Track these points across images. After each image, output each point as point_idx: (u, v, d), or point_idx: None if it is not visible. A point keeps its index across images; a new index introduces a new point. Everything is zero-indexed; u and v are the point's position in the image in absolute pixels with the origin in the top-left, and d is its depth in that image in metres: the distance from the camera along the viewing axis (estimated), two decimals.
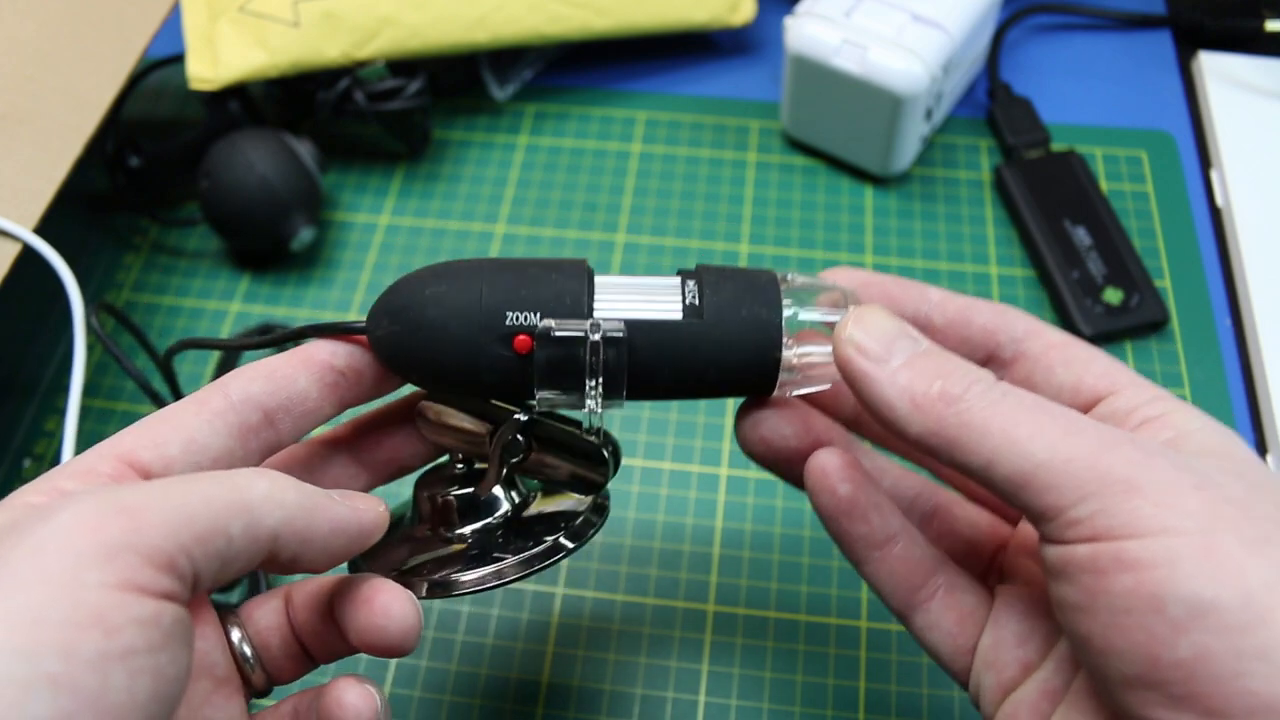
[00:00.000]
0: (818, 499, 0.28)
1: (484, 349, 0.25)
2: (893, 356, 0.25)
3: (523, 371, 0.26)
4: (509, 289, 0.26)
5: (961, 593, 0.28)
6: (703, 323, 0.26)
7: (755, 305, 0.26)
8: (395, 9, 0.49)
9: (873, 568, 0.28)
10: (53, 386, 0.47)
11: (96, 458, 0.23)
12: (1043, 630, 0.27)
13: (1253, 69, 0.55)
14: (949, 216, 0.51)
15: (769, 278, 0.27)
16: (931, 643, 0.28)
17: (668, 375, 0.26)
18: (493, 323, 0.25)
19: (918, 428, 0.24)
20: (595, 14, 0.52)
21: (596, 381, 0.26)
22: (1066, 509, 0.22)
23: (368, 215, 0.52)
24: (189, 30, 0.49)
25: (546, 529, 0.30)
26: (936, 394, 0.24)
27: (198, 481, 0.22)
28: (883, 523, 0.28)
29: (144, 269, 0.51)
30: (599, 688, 0.39)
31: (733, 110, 0.56)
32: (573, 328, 0.25)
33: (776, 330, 0.26)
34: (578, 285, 0.26)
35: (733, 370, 0.26)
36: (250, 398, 0.25)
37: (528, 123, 0.56)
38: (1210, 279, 0.48)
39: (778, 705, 0.38)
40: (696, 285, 0.26)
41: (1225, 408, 0.45)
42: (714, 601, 0.41)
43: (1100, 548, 0.22)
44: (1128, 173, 0.52)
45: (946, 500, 0.30)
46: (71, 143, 0.43)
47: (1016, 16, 0.57)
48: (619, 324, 0.25)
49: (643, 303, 0.26)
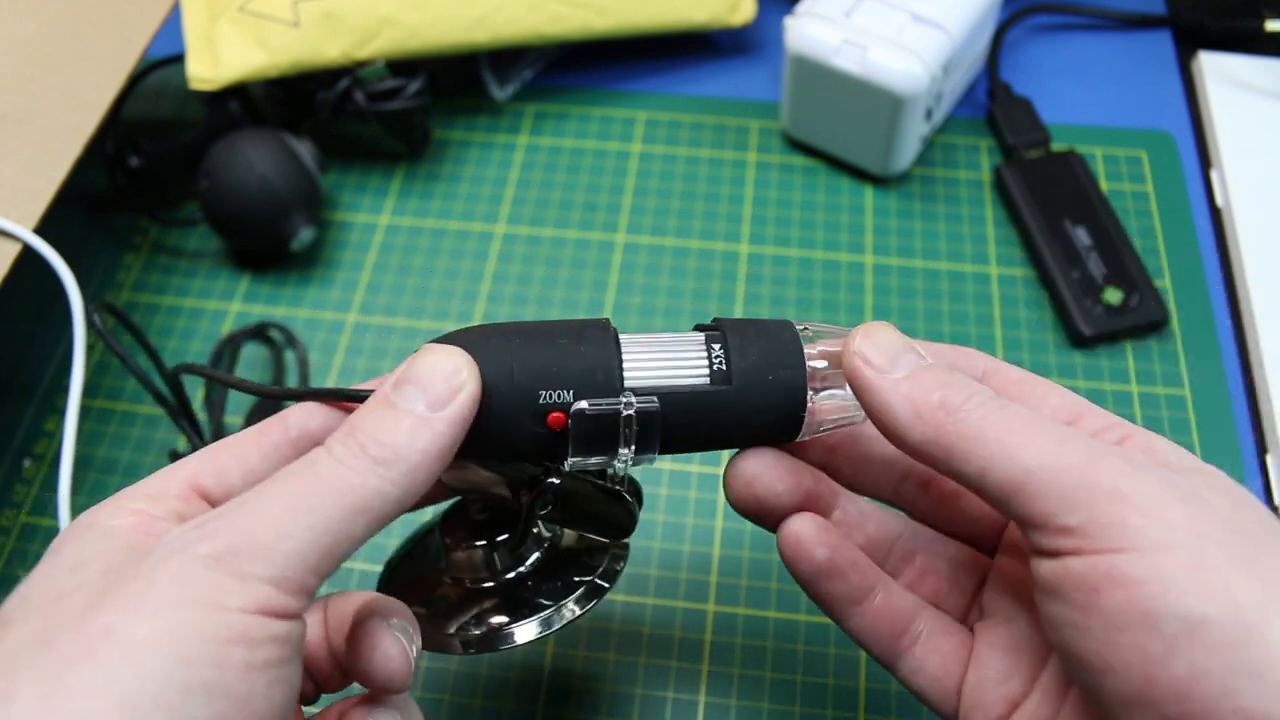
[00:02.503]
0: (795, 566, 0.28)
1: (518, 426, 0.26)
2: (897, 368, 0.25)
3: (556, 443, 0.26)
4: (540, 366, 0.26)
5: (942, 635, 0.28)
6: (731, 389, 0.26)
7: (780, 368, 0.27)
8: (395, 9, 0.49)
9: (854, 623, 0.28)
10: (53, 386, 0.47)
11: (165, 480, 0.25)
12: (1025, 665, 0.27)
13: (1253, 69, 0.55)
14: (949, 216, 0.51)
15: (790, 333, 0.27)
16: (919, 688, 0.28)
17: (695, 438, 0.27)
18: (526, 401, 0.26)
19: (918, 435, 0.25)
20: (595, 14, 0.52)
21: (629, 448, 0.26)
22: (1055, 516, 0.22)
23: (368, 215, 0.52)
24: (189, 30, 0.49)
25: (576, 570, 0.30)
26: (937, 403, 0.24)
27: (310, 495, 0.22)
28: (861, 579, 0.28)
29: (144, 269, 0.51)
30: (599, 688, 0.39)
31: (733, 110, 0.56)
32: (607, 406, 0.26)
33: (801, 392, 0.27)
34: (606, 356, 0.26)
35: (760, 430, 0.27)
36: (308, 432, 0.26)
37: (528, 123, 0.55)
38: (1210, 279, 0.48)
39: (778, 705, 0.38)
40: (721, 348, 0.27)
41: (1225, 408, 0.45)
42: (714, 601, 0.41)
43: (1092, 562, 0.22)
44: (1128, 173, 0.52)
45: (928, 540, 0.30)
46: (71, 143, 0.43)
47: (1016, 16, 0.57)
48: (652, 399, 0.26)
49: (670, 367, 0.27)
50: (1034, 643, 0.27)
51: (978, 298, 0.48)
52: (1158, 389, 0.45)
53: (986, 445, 0.23)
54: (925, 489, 0.30)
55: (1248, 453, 0.43)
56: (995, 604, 0.28)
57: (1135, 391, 0.45)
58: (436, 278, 0.50)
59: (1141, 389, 0.45)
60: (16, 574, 0.42)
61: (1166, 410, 0.45)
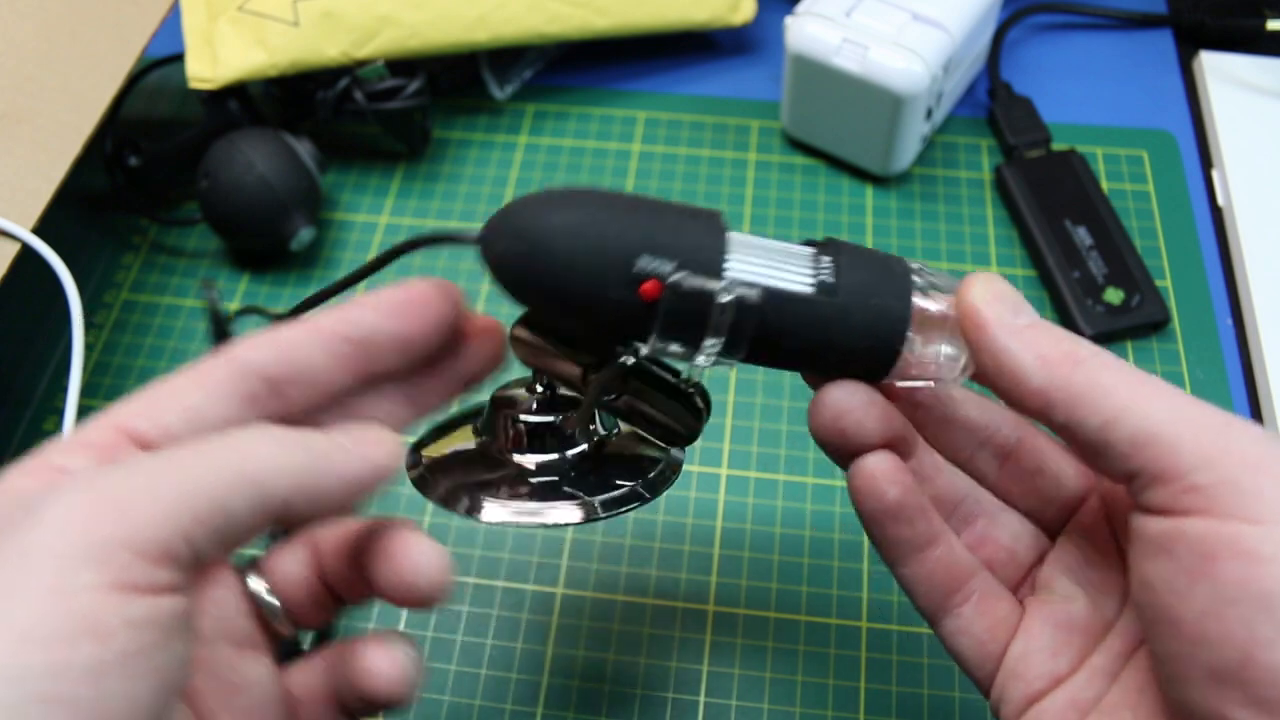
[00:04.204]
0: (864, 502, 0.27)
1: (609, 288, 0.24)
2: (1019, 317, 0.25)
3: (643, 317, 0.25)
4: (644, 230, 0.24)
5: (995, 600, 0.28)
6: (833, 302, 0.25)
7: (887, 295, 0.25)
8: (395, 8, 0.49)
9: (911, 570, 0.28)
10: (51, 387, 0.47)
11: (93, 429, 0.22)
12: (1077, 644, 0.27)
13: (1254, 68, 0.55)
14: (949, 216, 0.51)
15: (903, 268, 0.26)
16: (959, 647, 0.28)
17: (787, 347, 0.26)
18: (623, 264, 0.24)
19: (1040, 380, 0.24)
20: (595, 13, 0.52)
21: (717, 341, 0.25)
22: (1188, 473, 0.22)
23: (367, 215, 0.52)
24: (188, 29, 0.49)
25: (621, 474, 0.29)
26: (1063, 352, 0.24)
27: (196, 455, 0.21)
28: (927, 526, 0.27)
29: (143, 269, 0.51)
30: (599, 688, 0.39)
31: (733, 110, 0.56)
32: (705, 284, 0.24)
33: (904, 324, 0.26)
34: (713, 239, 0.25)
35: (852, 355, 0.26)
36: (254, 366, 0.24)
37: (528, 122, 0.55)
38: (1211, 279, 0.48)
39: (778, 706, 0.38)
40: (832, 262, 0.26)
41: (1226, 408, 0.44)
42: (714, 602, 0.41)
43: (1214, 527, 0.21)
44: (1129, 172, 0.52)
45: (993, 507, 0.30)
46: (70, 142, 0.43)
47: (1017, 16, 0.56)
48: (753, 289, 0.25)
49: (776, 270, 0.25)
50: (1090, 624, 0.27)
51: None
52: None
53: (1119, 396, 0.23)
54: (1003, 461, 0.29)
55: None
56: (1053, 582, 0.28)
57: None
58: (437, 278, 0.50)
59: None
60: None
61: None
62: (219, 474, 0.20)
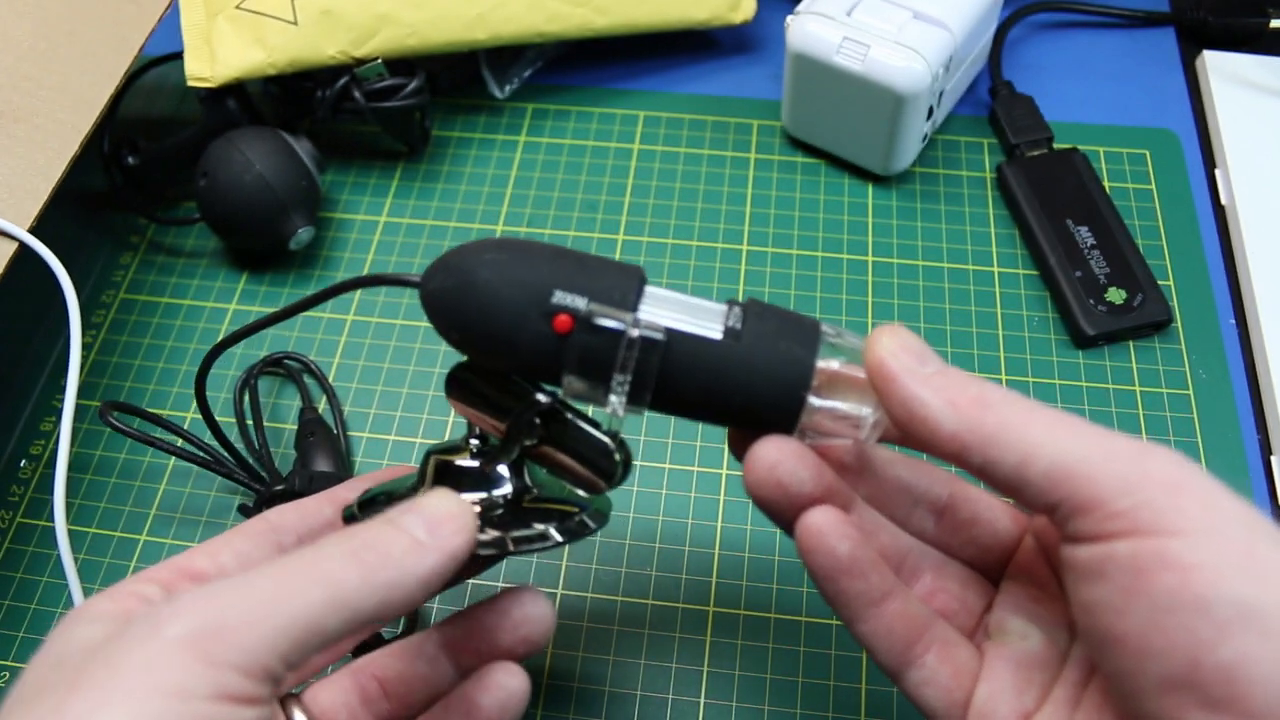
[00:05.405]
0: (814, 558, 0.27)
1: (526, 320, 0.26)
2: (926, 365, 0.25)
3: (557, 352, 0.26)
4: (563, 271, 0.26)
5: (955, 647, 0.28)
6: (738, 346, 0.26)
7: (792, 343, 0.26)
8: (394, 7, 0.49)
9: (869, 625, 0.28)
10: (49, 386, 0.47)
11: (161, 569, 0.27)
12: (1039, 680, 0.27)
13: (1257, 67, 0.55)
14: (950, 215, 0.51)
15: (812, 324, 0.27)
16: (926, 699, 0.28)
17: (694, 391, 0.27)
18: (539, 297, 0.26)
19: (952, 425, 0.24)
20: (595, 12, 0.52)
21: (625, 378, 0.26)
22: (1108, 501, 0.22)
23: (367, 214, 0.52)
24: (186, 28, 0.49)
25: (541, 519, 0.30)
26: (972, 396, 0.25)
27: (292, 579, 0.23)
28: (880, 579, 0.28)
29: (141, 268, 0.51)
30: (599, 688, 0.39)
31: (733, 109, 0.55)
32: (614, 318, 0.26)
33: (808, 370, 0.26)
34: (628, 285, 0.27)
35: (759, 399, 0.26)
36: (285, 525, 0.30)
37: (527, 121, 0.55)
38: (1214, 278, 0.48)
39: (778, 707, 0.38)
40: (741, 313, 0.27)
41: (1229, 408, 0.44)
42: (714, 603, 0.40)
43: (1142, 544, 0.22)
44: (1131, 171, 0.52)
45: (937, 560, 0.30)
46: (68, 141, 0.43)
47: (1019, 14, 0.56)
48: (659, 328, 0.26)
49: (686, 317, 0.27)
50: (1049, 658, 0.27)
51: (979, 297, 0.48)
52: (1161, 389, 0.45)
53: (1031, 434, 0.24)
54: (939, 516, 0.30)
55: (1252, 454, 0.43)
56: (1005, 623, 0.28)
57: (1139, 392, 0.45)
58: None
59: (1145, 389, 0.45)
60: (11, 575, 0.42)
61: (1170, 410, 0.44)
62: (311, 603, 0.23)
